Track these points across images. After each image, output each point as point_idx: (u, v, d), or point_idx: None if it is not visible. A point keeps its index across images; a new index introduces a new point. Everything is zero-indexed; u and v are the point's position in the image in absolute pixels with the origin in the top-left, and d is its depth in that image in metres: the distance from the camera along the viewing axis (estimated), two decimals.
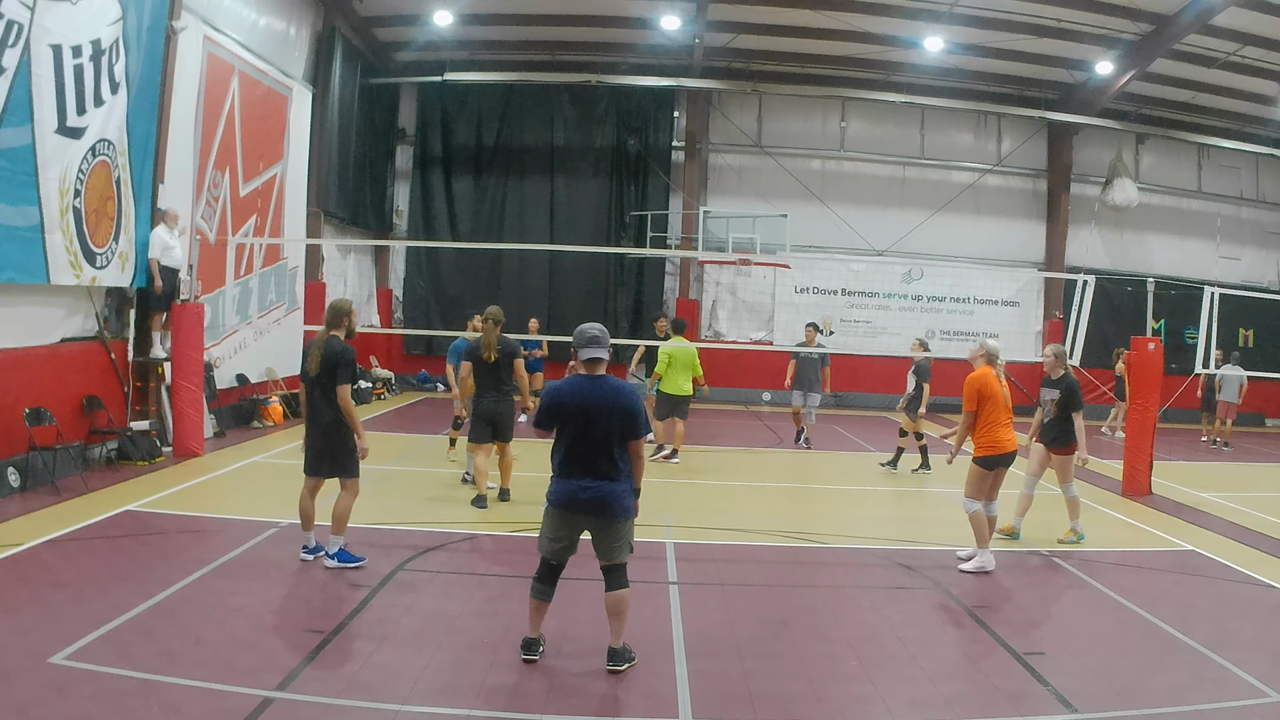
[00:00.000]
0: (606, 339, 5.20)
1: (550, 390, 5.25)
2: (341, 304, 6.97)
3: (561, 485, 5.13)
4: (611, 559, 5.14)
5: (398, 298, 22.01)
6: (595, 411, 5.03)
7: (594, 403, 5.04)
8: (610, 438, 5.05)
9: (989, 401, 7.46)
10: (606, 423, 5.03)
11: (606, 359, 5.22)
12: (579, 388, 5.13)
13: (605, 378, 5.16)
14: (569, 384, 5.21)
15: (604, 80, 20.66)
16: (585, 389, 5.11)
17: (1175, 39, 17.22)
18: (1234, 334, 20.56)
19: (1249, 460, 15.85)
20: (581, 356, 5.17)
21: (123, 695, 4.41)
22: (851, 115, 21.83)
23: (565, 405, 5.10)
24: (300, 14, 16.34)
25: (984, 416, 7.47)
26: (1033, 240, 22.16)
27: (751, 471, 11.91)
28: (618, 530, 5.12)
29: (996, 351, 7.76)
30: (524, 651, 5.17)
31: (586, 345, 5.16)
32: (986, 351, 7.74)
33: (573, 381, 5.20)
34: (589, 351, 5.14)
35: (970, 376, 7.58)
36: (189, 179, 12.35)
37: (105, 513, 8.01)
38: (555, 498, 5.16)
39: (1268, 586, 7.34)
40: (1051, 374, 8.71)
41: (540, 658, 5.17)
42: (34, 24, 8.54)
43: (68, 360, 9.96)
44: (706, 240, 20.51)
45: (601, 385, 5.11)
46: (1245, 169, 22.52)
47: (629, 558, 5.21)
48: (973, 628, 6.07)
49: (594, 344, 5.15)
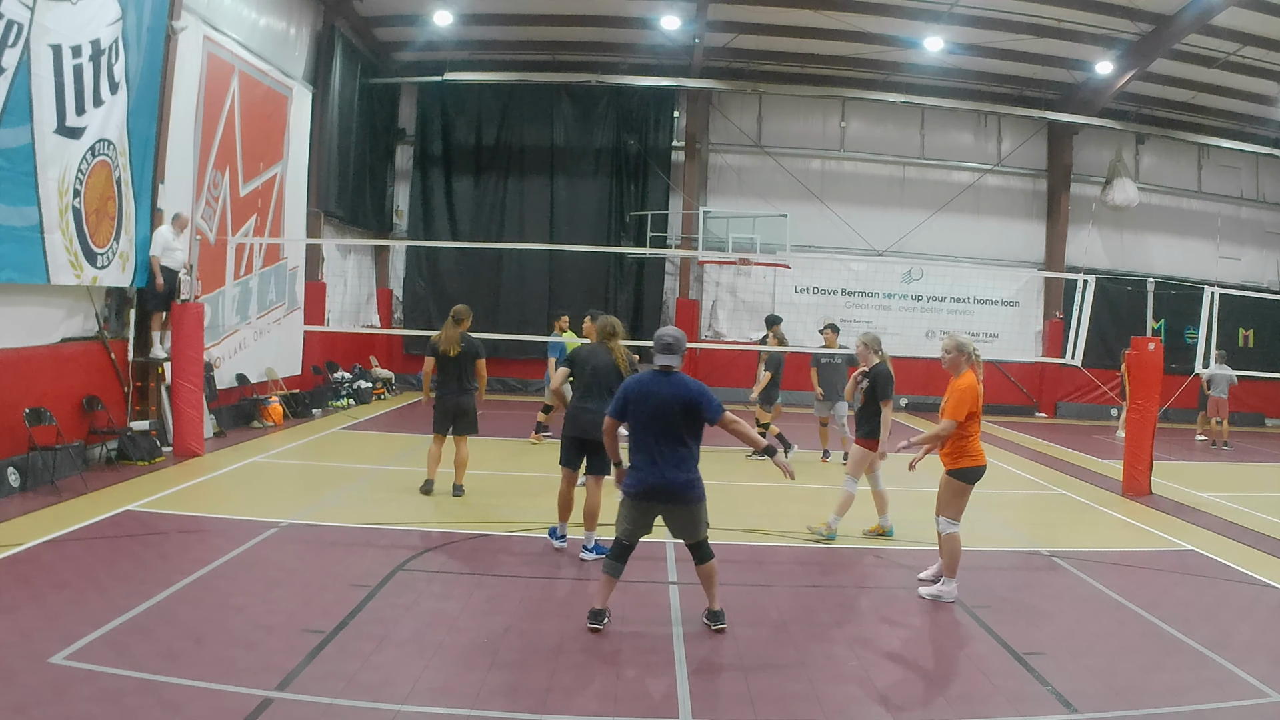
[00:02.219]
0: (680, 346, 5.73)
1: (626, 384, 5.79)
2: None
3: (635, 477, 5.65)
4: (694, 537, 5.71)
5: (398, 298, 22.01)
6: (662, 405, 5.55)
7: (662, 397, 5.56)
8: (677, 429, 5.55)
9: (976, 415, 6.60)
10: (672, 415, 5.54)
11: (676, 366, 5.70)
12: (648, 382, 5.65)
13: (674, 374, 5.65)
14: (640, 378, 5.74)
15: (604, 80, 20.65)
16: (653, 384, 5.63)
17: (1175, 39, 17.23)
18: (1234, 334, 20.56)
19: (1249, 460, 15.85)
20: (656, 363, 5.70)
21: (123, 695, 4.41)
22: (851, 115, 21.83)
23: (633, 398, 5.63)
24: (300, 14, 16.34)
25: (969, 426, 6.57)
26: (1033, 240, 22.16)
27: (751, 471, 11.90)
28: (693, 513, 5.66)
29: (971, 346, 6.72)
30: (591, 621, 5.63)
31: (661, 353, 5.70)
32: (967, 353, 6.66)
33: (643, 377, 5.74)
34: (661, 359, 5.69)
35: (961, 383, 6.55)
36: (189, 179, 12.36)
37: (105, 513, 8.01)
38: (631, 490, 5.67)
39: (1268, 586, 7.34)
40: (864, 364, 8.49)
41: (605, 627, 5.62)
42: (34, 24, 8.54)
43: (68, 360, 9.97)
44: (706, 240, 20.51)
45: (669, 381, 5.62)
46: (1245, 169, 22.52)
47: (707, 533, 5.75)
48: (973, 628, 6.07)
49: (667, 351, 5.70)
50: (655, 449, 5.57)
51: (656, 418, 5.56)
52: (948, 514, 6.60)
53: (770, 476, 11.55)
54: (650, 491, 5.60)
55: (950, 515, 6.59)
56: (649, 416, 5.58)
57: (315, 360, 17.35)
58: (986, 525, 9.49)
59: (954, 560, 6.57)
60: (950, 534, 6.57)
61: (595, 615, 5.66)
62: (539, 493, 9.59)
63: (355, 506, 8.93)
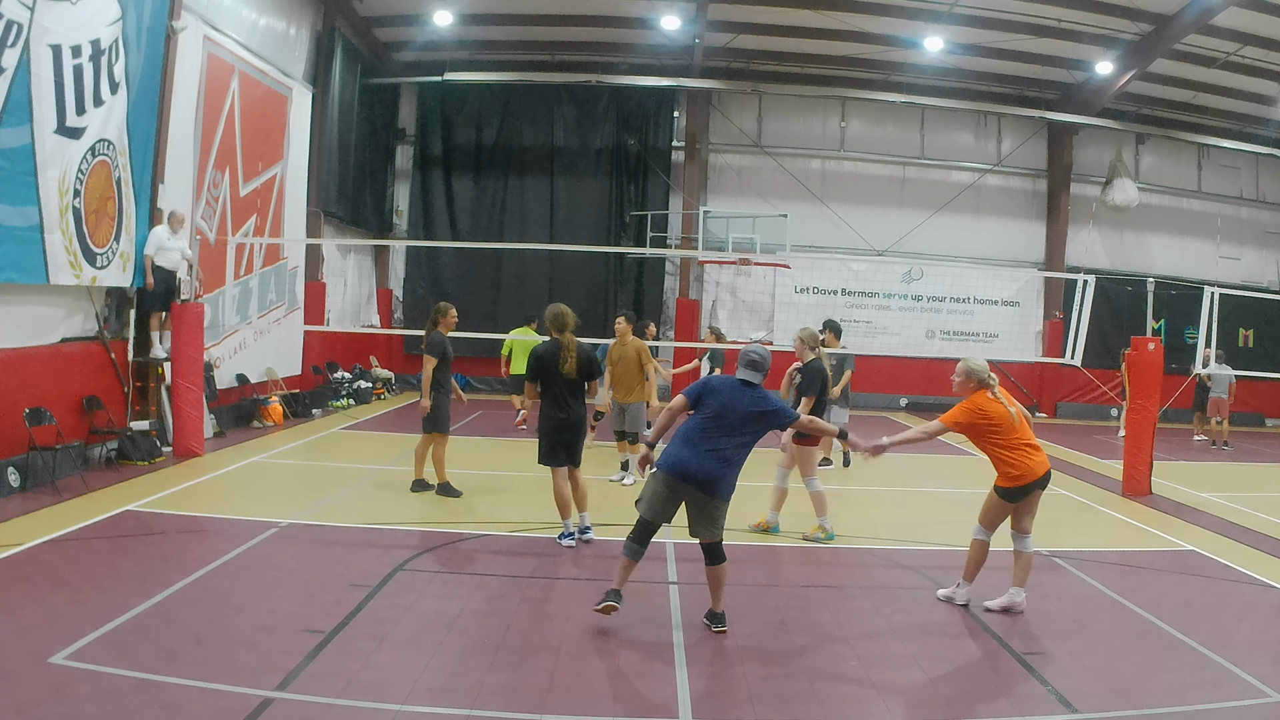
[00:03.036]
0: (765, 365, 5.92)
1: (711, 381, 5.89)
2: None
3: (675, 455, 5.67)
4: (713, 535, 5.75)
5: (398, 298, 22.01)
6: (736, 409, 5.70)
7: (742, 405, 5.72)
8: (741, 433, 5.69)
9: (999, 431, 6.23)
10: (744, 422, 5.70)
11: (758, 383, 5.85)
12: (732, 388, 5.80)
13: (757, 388, 5.82)
14: (728, 383, 5.86)
15: (604, 80, 20.66)
16: (736, 392, 5.78)
17: (1175, 39, 17.22)
18: (1234, 334, 20.56)
19: (1249, 460, 15.85)
20: (740, 375, 5.86)
21: (123, 695, 4.41)
22: (851, 115, 21.83)
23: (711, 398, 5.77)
24: (300, 14, 16.34)
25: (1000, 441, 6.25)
26: (1033, 240, 22.16)
27: (751, 471, 11.89)
28: (716, 508, 5.72)
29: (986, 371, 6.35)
30: (608, 598, 5.65)
31: (745, 368, 5.88)
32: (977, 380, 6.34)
33: (731, 381, 5.86)
34: (743, 374, 5.86)
35: (974, 402, 6.31)
36: (189, 179, 12.36)
37: (105, 513, 8.01)
38: (666, 465, 5.69)
39: (1268, 586, 7.34)
40: (799, 359, 8.41)
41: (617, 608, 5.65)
42: (34, 24, 8.54)
43: (68, 360, 9.96)
44: (706, 240, 20.52)
45: (751, 393, 5.78)
46: (1245, 169, 22.51)
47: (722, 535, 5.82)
48: (973, 628, 6.07)
49: (752, 368, 5.87)
50: (709, 440, 5.65)
51: (727, 419, 5.68)
52: (982, 520, 6.53)
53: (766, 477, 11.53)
54: (685, 472, 5.62)
55: (984, 522, 6.53)
56: (717, 414, 5.69)
57: (315, 360, 17.35)
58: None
59: (971, 565, 6.51)
60: (974, 539, 6.54)
61: (612, 594, 5.68)
62: (538, 493, 9.60)
63: (355, 506, 8.93)
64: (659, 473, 5.73)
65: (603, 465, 11.38)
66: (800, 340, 8.43)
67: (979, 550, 6.49)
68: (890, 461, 13.63)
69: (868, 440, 6.47)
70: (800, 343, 8.41)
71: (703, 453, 5.62)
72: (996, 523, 6.48)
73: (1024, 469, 6.23)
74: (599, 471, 10.82)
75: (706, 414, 5.73)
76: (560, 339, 7.53)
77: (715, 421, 5.68)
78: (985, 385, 6.34)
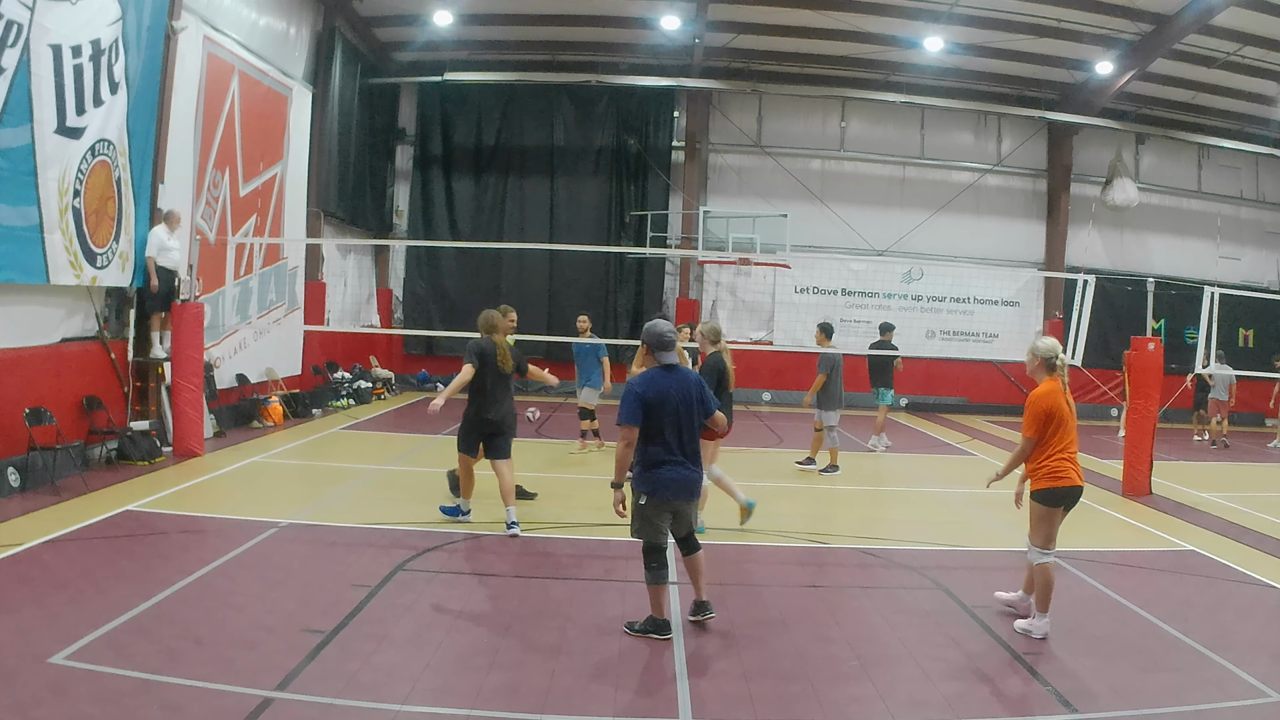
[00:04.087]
0: (675, 337, 5.86)
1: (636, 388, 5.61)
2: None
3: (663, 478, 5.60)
4: (693, 529, 5.92)
5: (398, 298, 22.01)
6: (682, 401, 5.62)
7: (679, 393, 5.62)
8: (694, 423, 5.68)
9: (1058, 425, 5.88)
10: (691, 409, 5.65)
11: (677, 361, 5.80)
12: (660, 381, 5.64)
13: (678, 368, 5.73)
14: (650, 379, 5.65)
15: (604, 80, 20.66)
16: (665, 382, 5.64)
17: (1175, 39, 17.22)
18: (1234, 334, 20.56)
19: (1249, 460, 15.85)
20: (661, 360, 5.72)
21: (122, 695, 4.41)
22: (851, 115, 21.83)
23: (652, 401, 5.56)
24: (300, 14, 16.34)
25: (1050, 441, 5.89)
26: (1033, 240, 22.16)
27: (751, 471, 11.90)
28: (695, 505, 5.94)
29: (1056, 353, 5.99)
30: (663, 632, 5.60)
31: (664, 350, 5.73)
32: (1042, 360, 5.98)
33: (653, 376, 5.67)
34: (666, 358, 5.73)
35: (1034, 394, 5.93)
36: (189, 179, 12.35)
37: (105, 513, 8.01)
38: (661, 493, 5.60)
39: (1268, 586, 7.34)
40: (701, 354, 8.39)
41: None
42: (33, 24, 8.54)
43: (68, 360, 9.96)
44: (706, 240, 20.52)
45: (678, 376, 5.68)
46: (1245, 169, 22.51)
47: None
48: (973, 628, 6.07)
49: (668, 348, 5.75)
50: (678, 447, 5.62)
51: (678, 415, 5.61)
52: (1034, 540, 5.93)
53: (767, 477, 11.58)
54: (680, 491, 5.65)
55: (1037, 542, 5.90)
56: (671, 415, 5.58)
57: (315, 360, 17.35)
58: (986, 525, 9.50)
59: (1045, 592, 5.84)
60: (1040, 564, 5.86)
61: (663, 626, 5.61)
62: (539, 493, 9.61)
63: (355, 506, 8.93)
64: (655, 500, 5.60)
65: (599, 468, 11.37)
66: (701, 335, 8.44)
67: (1044, 574, 5.85)
68: (890, 461, 13.65)
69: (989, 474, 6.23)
70: (701, 337, 8.41)
71: (682, 463, 5.64)
72: (1051, 536, 5.91)
73: (1062, 470, 5.86)
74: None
75: (661, 426, 5.55)
76: (493, 339, 8.13)
77: (672, 428, 5.59)
78: (1054, 370, 5.95)
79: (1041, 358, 5.99)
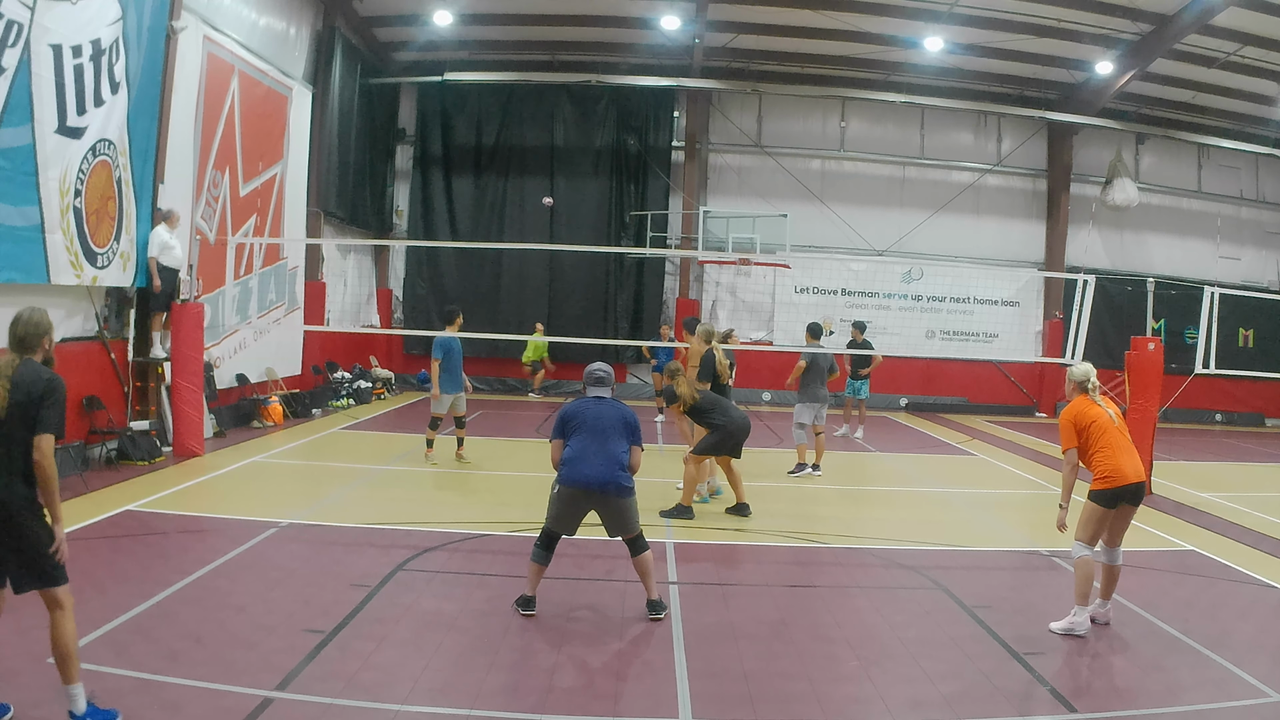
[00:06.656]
0: (611, 380, 6.38)
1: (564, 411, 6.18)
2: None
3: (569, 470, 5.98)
4: (629, 532, 6.05)
5: (398, 298, 22.01)
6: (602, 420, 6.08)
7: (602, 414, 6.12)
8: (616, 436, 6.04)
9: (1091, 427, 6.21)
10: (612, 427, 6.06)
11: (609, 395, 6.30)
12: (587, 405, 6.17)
13: (607, 399, 6.25)
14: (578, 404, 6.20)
15: (604, 80, 20.66)
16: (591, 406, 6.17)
17: (1175, 39, 17.22)
18: (1234, 334, 20.56)
19: (1249, 460, 15.85)
20: (589, 393, 6.25)
21: (122, 695, 4.41)
22: (851, 115, 21.83)
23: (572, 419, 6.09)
24: (300, 14, 16.34)
25: (1091, 445, 6.20)
26: (1033, 240, 22.16)
27: (750, 472, 11.90)
28: (623, 508, 6.00)
29: (1088, 378, 6.42)
30: (522, 607, 5.92)
31: (595, 385, 6.29)
32: (1076, 384, 6.46)
33: (582, 402, 6.22)
34: (595, 391, 6.26)
35: (1066, 414, 6.36)
36: (189, 179, 12.35)
37: (105, 513, 8.00)
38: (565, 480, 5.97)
39: (1268, 586, 7.34)
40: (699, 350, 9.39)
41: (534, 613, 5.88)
42: (34, 24, 8.54)
43: (68, 360, 9.90)
44: (706, 240, 20.52)
45: (607, 404, 6.21)
46: (1245, 169, 22.51)
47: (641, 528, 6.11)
48: (973, 628, 6.07)
49: (600, 384, 6.29)
50: (590, 448, 5.95)
51: (596, 428, 6.03)
52: (1080, 535, 6.19)
53: (766, 477, 11.57)
54: (583, 483, 5.90)
55: (1083, 538, 6.16)
56: (589, 428, 6.02)
57: (315, 360, 17.34)
58: (986, 525, 9.50)
59: (1081, 585, 6.06)
60: (1081, 558, 6.13)
61: (526, 602, 5.93)
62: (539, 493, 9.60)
63: (355, 506, 8.93)
64: (561, 488, 5.99)
65: None
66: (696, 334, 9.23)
67: (1085, 568, 6.08)
68: (890, 461, 13.66)
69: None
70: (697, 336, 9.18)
71: (591, 461, 5.92)
72: (1096, 535, 6.14)
73: (1112, 468, 6.07)
74: None
75: (582, 433, 6.02)
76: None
77: (592, 434, 6.00)
78: (1084, 390, 6.39)
79: (1075, 382, 6.48)
